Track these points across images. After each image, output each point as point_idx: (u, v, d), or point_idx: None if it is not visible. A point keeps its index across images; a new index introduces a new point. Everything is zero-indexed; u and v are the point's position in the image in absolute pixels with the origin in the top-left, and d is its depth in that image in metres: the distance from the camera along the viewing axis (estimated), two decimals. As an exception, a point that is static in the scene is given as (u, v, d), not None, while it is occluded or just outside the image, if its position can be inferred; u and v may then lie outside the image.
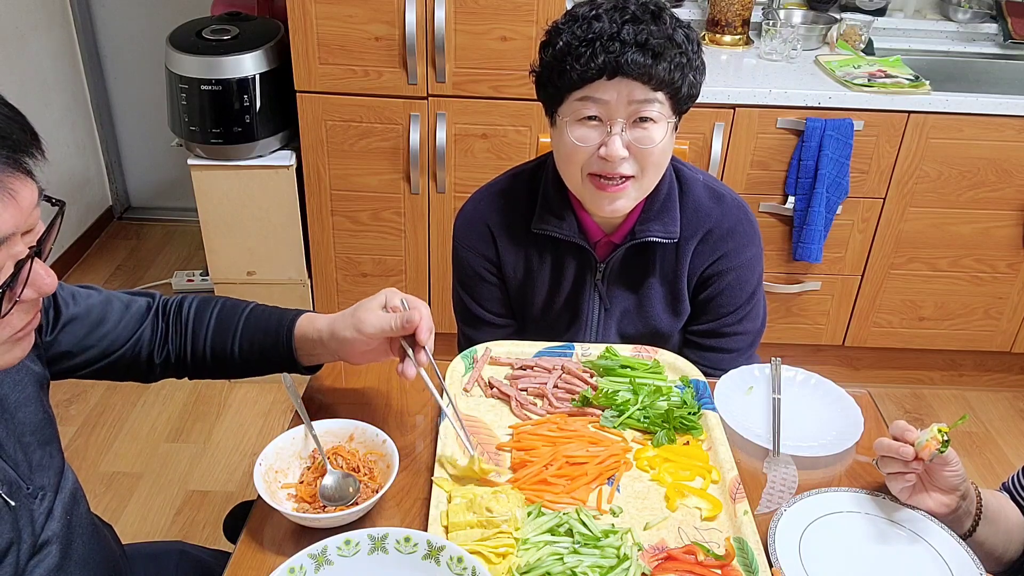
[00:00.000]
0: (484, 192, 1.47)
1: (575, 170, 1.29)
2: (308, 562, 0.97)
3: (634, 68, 1.19)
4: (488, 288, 1.49)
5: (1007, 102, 2.33)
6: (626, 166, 1.25)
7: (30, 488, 0.99)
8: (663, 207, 1.37)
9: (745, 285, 1.43)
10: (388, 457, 1.13)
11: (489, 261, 1.46)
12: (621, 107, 1.22)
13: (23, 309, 0.86)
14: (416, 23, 2.21)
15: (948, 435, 1.06)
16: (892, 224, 2.52)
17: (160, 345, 1.20)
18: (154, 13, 3.17)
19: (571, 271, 1.43)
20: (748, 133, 2.38)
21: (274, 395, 2.69)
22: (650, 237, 1.36)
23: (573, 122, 1.25)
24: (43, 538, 1.00)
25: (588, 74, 1.21)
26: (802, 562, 1.05)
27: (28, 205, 0.81)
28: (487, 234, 1.44)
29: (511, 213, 1.43)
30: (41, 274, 0.84)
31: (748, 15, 2.63)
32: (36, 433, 1.02)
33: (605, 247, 1.41)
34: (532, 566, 1.01)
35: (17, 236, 0.81)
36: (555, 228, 1.38)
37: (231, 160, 2.40)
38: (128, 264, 3.35)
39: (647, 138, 1.24)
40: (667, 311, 1.45)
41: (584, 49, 1.20)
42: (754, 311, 1.47)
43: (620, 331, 1.47)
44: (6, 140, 0.79)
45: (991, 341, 2.74)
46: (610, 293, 1.44)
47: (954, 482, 1.10)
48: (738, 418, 1.28)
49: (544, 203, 1.39)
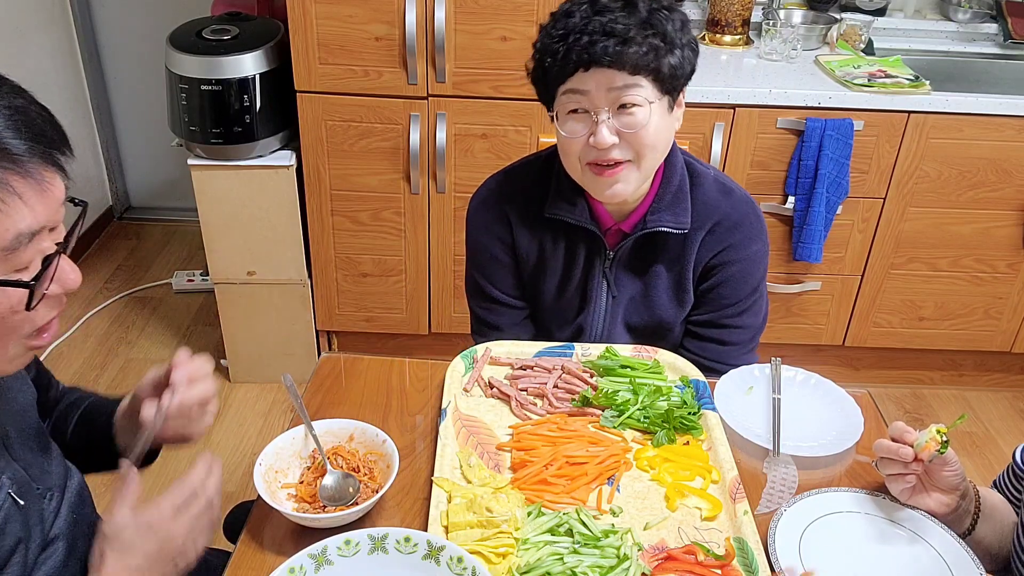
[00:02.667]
0: (499, 176, 1.50)
1: (574, 161, 1.32)
2: (308, 562, 0.97)
3: (606, 56, 1.22)
4: (502, 269, 1.51)
5: (1007, 102, 2.33)
6: (617, 152, 1.28)
7: (39, 488, 1.00)
8: (675, 198, 1.38)
9: (748, 279, 1.44)
10: (388, 457, 1.13)
11: (504, 243, 1.48)
12: (602, 96, 1.25)
13: (48, 304, 0.88)
14: (416, 23, 2.21)
15: (947, 436, 1.06)
16: (892, 224, 2.52)
17: None
18: (154, 13, 3.16)
19: (581, 257, 1.45)
20: (748, 133, 2.38)
21: (274, 395, 2.69)
22: (661, 227, 1.38)
23: (563, 116, 1.30)
24: (51, 535, 1.02)
25: (566, 68, 1.25)
26: (802, 562, 1.05)
27: (58, 201, 0.85)
28: (503, 215, 1.47)
29: (525, 197, 1.46)
30: (67, 270, 0.87)
31: (748, 15, 2.62)
32: (37, 439, 1.04)
33: (615, 235, 1.43)
34: (532, 566, 1.01)
35: (46, 231, 0.84)
36: (567, 213, 1.41)
37: (231, 160, 2.40)
38: (128, 264, 3.34)
39: (633, 122, 1.26)
40: (672, 300, 1.46)
41: (559, 45, 1.25)
42: (755, 306, 1.47)
43: (626, 319, 1.49)
44: (43, 137, 0.82)
45: (991, 341, 2.74)
46: (618, 281, 1.45)
47: (954, 482, 1.10)
48: (738, 418, 1.28)
49: (557, 189, 1.42)
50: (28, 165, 0.80)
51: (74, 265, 0.88)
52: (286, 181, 2.45)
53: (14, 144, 0.79)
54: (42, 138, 0.82)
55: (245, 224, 2.50)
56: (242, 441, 2.53)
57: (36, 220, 0.82)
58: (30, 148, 0.80)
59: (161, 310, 3.09)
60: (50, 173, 0.83)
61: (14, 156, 0.79)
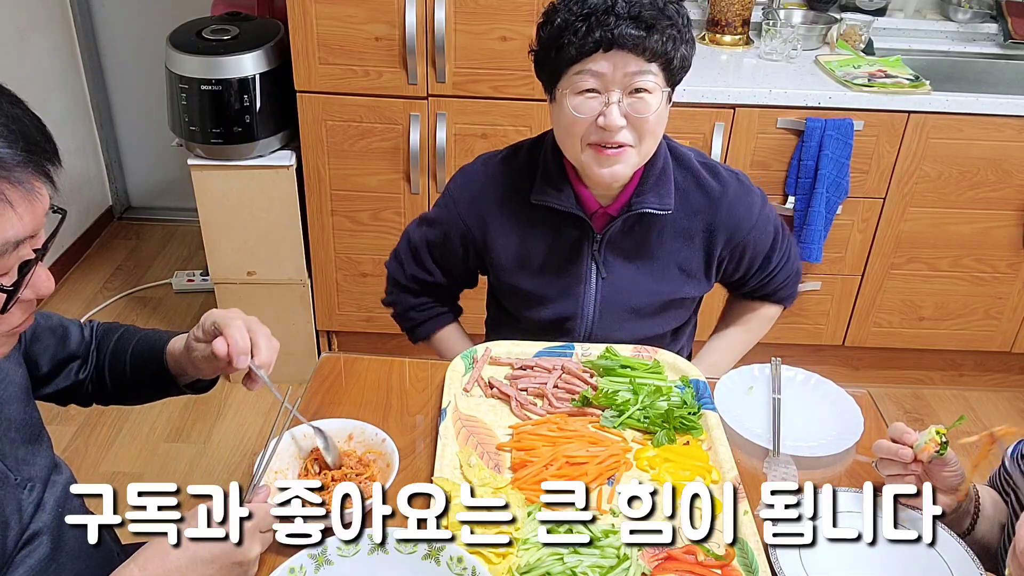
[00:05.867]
0: (487, 159, 1.51)
1: (575, 141, 1.32)
2: (308, 562, 0.97)
3: (629, 40, 1.23)
4: (441, 249, 1.53)
5: (1007, 102, 2.33)
6: (624, 134, 1.29)
7: (17, 479, 1.01)
8: (659, 180, 1.40)
9: (763, 238, 1.49)
10: (388, 457, 1.13)
11: (464, 230, 1.49)
12: (617, 78, 1.26)
13: (20, 308, 0.90)
14: (416, 23, 2.21)
15: (946, 437, 1.06)
16: (892, 224, 2.52)
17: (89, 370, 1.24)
18: (154, 13, 3.16)
19: (567, 241, 1.46)
20: (748, 133, 2.38)
21: (274, 396, 2.69)
22: (646, 208, 1.39)
23: (572, 95, 1.29)
24: (33, 529, 1.02)
25: (585, 48, 1.25)
26: (802, 562, 1.05)
27: (44, 210, 0.86)
28: (478, 205, 1.47)
29: (509, 184, 1.47)
30: (42, 277, 0.89)
31: (748, 15, 2.63)
32: (21, 431, 1.05)
33: (602, 219, 1.44)
34: (532, 566, 1.01)
35: (27, 239, 0.85)
36: (554, 199, 1.41)
37: (231, 160, 2.40)
38: (128, 264, 3.34)
39: (643, 107, 1.27)
40: (680, 276, 1.48)
41: (580, 24, 1.25)
42: (788, 251, 1.55)
43: (622, 302, 1.48)
44: (36, 147, 0.83)
45: (991, 341, 2.74)
46: (607, 263, 1.46)
47: (953, 482, 1.10)
48: (738, 418, 1.28)
49: (544, 175, 1.43)
50: (20, 175, 0.81)
51: (49, 273, 0.90)
52: (286, 181, 2.45)
53: (8, 154, 0.80)
54: (35, 148, 0.83)
55: (245, 224, 2.50)
56: (242, 441, 2.53)
57: (24, 229, 0.83)
58: (24, 158, 0.81)
59: (161, 310, 3.09)
60: (39, 183, 0.84)
61: (8, 165, 0.80)
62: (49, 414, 1.14)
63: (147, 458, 2.45)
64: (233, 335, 1.07)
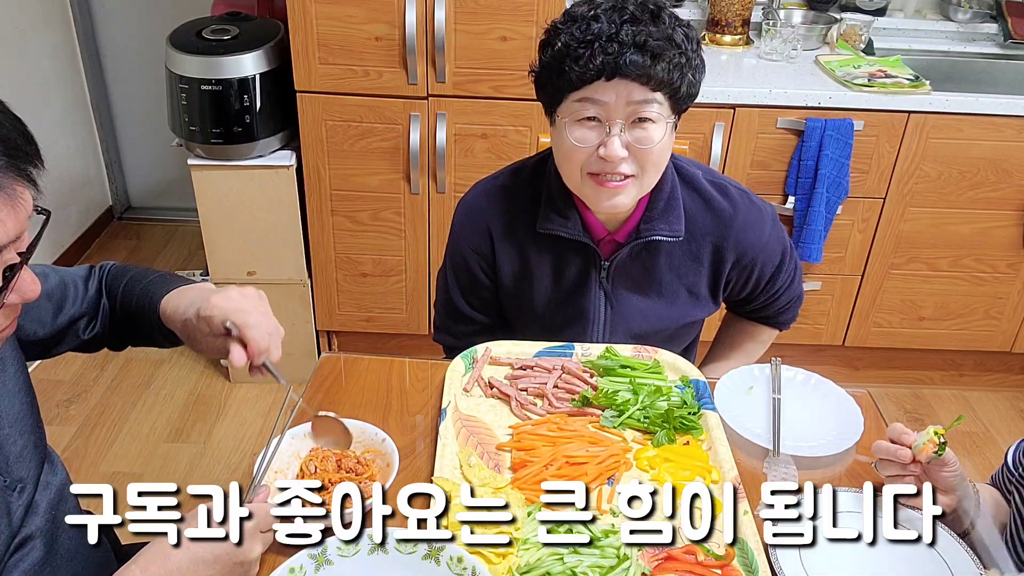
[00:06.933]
0: (486, 186, 1.47)
1: (575, 169, 1.28)
2: (308, 562, 0.97)
3: (633, 69, 1.18)
4: (475, 282, 1.49)
5: (1007, 102, 2.33)
6: (625, 166, 1.25)
7: (7, 480, 0.99)
8: (667, 206, 1.36)
9: (771, 259, 1.46)
10: (388, 457, 1.13)
11: (483, 258, 1.46)
12: (620, 108, 1.21)
13: (5, 312, 0.88)
14: (416, 23, 2.21)
15: (944, 437, 1.06)
16: (892, 224, 2.52)
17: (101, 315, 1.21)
18: (154, 13, 3.16)
19: (574, 269, 1.43)
20: (748, 133, 2.38)
21: (274, 395, 2.69)
22: (655, 236, 1.36)
23: (572, 123, 1.25)
24: (25, 533, 1.00)
25: (587, 75, 1.20)
26: (802, 562, 1.05)
27: (28, 213, 0.84)
28: (485, 231, 1.44)
29: (512, 210, 1.43)
30: (27, 280, 0.87)
31: (748, 15, 2.63)
32: (15, 424, 1.02)
33: (609, 245, 1.41)
34: (532, 566, 1.01)
35: (10, 244, 0.83)
36: (560, 227, 1.37)
37: (231, 160, 2.40)
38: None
39: (646, 138, 1.23)
40: (689, 302, 1.46)
41: (583, 50, 1.19)
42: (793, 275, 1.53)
43: (632, 330, 1.46)
44: (18, 151, 0.82)
45: (991, 341, 2.74)
46: (616, 291, 1.43)
47: (953, 482, 1.10)
48: (738, 418, 1.28)
49: (548, 202, 1.39)
50: (2, 180, 0.80)
51: (34, 276, 0.88)
52: (286, 181, 2.45)
53: None
54: (16, 152, 0.81)
55: (245, 224, 2.50)
56: (242, 441, 2.53)
57: (7, 234, 0.81)
58: (4, 163, 0.80)
59: (161, 310, 3.09)
60: (21, 187, 0.82)
61: None
62: (49, 414, 1.13)
63: (147, 458, 2.45)
64: (254, 337, 1.03)
